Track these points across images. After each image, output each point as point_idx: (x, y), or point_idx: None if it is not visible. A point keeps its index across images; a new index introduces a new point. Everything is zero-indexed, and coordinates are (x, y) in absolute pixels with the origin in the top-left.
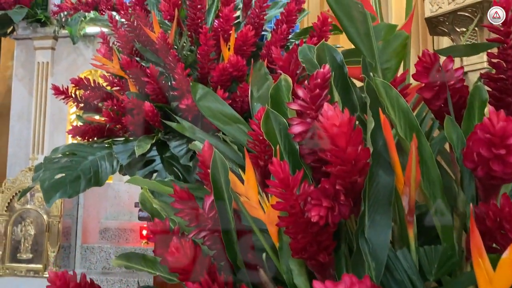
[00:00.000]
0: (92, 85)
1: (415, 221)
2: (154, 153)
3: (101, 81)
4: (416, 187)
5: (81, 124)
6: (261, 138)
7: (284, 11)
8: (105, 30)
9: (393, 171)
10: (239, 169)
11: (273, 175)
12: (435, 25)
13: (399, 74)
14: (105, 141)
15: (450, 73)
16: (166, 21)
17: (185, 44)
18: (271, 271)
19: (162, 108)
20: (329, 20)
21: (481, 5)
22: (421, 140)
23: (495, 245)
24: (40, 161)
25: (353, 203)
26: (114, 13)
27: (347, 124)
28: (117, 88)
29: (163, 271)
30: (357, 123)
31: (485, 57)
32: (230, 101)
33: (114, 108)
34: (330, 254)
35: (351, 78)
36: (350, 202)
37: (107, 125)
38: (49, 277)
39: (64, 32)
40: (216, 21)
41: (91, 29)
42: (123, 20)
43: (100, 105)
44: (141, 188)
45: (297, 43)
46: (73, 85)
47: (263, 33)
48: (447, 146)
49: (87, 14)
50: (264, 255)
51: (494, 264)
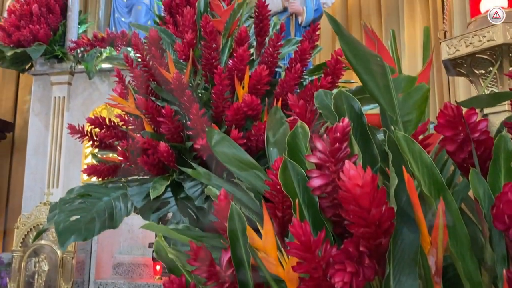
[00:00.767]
0: (107, 124)
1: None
2: (168, 194)
3: (117, 120)
4: (443, 249)
5: (96, 163)
6: (278, 187)
7: (298, 50)
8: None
9: (417, 227)
10: (256, 216)
11: (294, 237)
12: (452, 66)
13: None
14: (120, 180)
15: (473, 126)
16: (181, 60)
17: (199, 82)
18: None
19: (177, 147)
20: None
21: (499, 48)
22: (446, 197)
23: None
24: (55, 196)
25: (378, 263)
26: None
27: (370, 184)
28: (133, 127)
29: None
30: (380, 177)
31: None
32: (244, 140)
33: (129, 148)
34: None
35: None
36: (374, 264)
37: (122, 165)
38: None
39: (80, 67)
40: (230, 60)
41: (107, 64)
42: (138, 59)
43: (115, 143)
44: (156, 235)
45: (311, 79)
46: (89, 124)
47: (276, 69)
48: (471, 192)
49: (102, 50)
50: None
51: None
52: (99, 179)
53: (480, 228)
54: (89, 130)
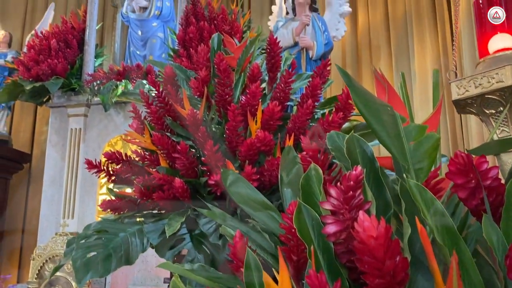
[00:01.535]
0: (124, 158)
1: None
2: (183, 230)
3: (132, 154)
4: None
5: (113, 197)
6: (293, 231)
7: (309, 85)
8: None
9: (431, 276)
10: (271, 258)
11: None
12: (463, 106)
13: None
14: (136, 215)
15: (484, 173)
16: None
17: (213, 117)
18: None
19: (191, 182)
20: None
21: (509, 89)
22: (460, 247)
23: None
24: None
25: None
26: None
27: (384, 235)
28: (148, 162)
29: None
30: (393, 221)
31: None
32: (258, 176)
33: (145, 183)
34: None
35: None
36: None
37: (138, 200)
38: None
39: (96, 99)
40: (243, 96)
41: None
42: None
43: (132, 178)
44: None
45: (322, 112)
46: (106, 159)
47: (288, 103)
48: None
49: (118, 82)
50: None
51: None
52: (115, 214)
53: (495, 269)
54: (105, 164)
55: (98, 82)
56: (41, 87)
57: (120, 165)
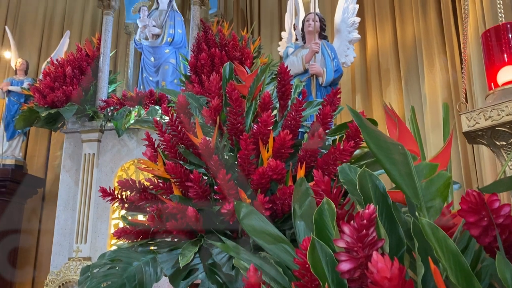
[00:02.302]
0: (137, 186)
1: None
2: (197, 260)
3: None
4: None
5: (126, 225)
6: (307, 266)
7: (319, 114)
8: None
9: None
10: None
11: None
12: (473, 137)
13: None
14: (150, 242)
15: (497, 211)
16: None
17: (225, 144)
18: None
19: (204, 211)
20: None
21: None
22: (474, 286)
23: None
24: (83, 252)
25: None
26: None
27: (397, 277)
28: (162, 190)
29: None
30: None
31: None
32: (270, 205)
33: (158, 212)
34: None
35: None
36: None
37: (152, 228)
38: None
39: (109, 125)
40: (254, 125)
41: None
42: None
43: (145, 206)
44: None
45: (333, 139)
46: (120, 187)
47: (300, 129)
48: None
49: (131, 108)
50: None
51: None
52: (129, 241)
53: None
54: (119, 192)
55: (111, 108)
56: (56, 114)
57: (133, 192)
